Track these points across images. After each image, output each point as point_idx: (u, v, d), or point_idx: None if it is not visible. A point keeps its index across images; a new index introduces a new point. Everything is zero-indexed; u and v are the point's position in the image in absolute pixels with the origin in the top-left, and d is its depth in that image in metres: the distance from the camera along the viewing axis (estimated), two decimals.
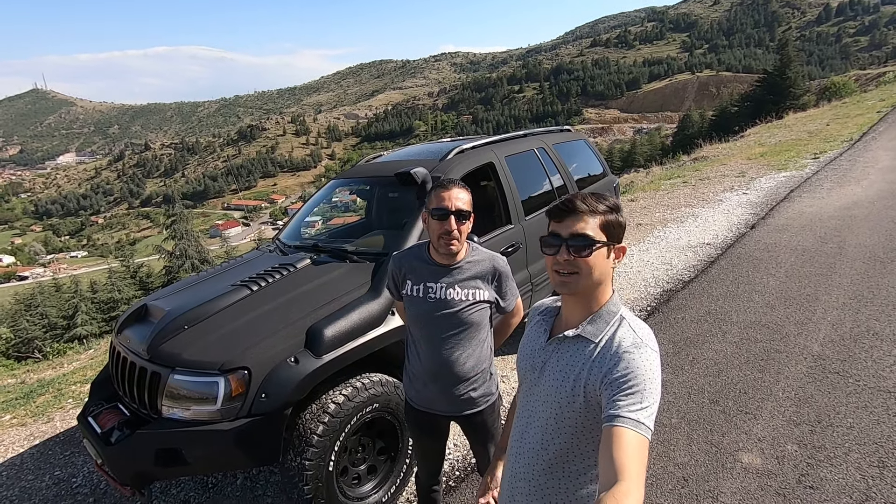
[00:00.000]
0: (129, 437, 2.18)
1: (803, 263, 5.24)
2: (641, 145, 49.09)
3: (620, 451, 0.94)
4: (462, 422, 1.88)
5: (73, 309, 19.05)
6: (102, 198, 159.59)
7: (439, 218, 1.68)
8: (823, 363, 3.42)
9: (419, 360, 1.81)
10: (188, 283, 3.08)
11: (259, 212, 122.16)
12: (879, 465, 2.50)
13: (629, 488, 0.89)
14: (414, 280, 1.79)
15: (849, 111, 18.75)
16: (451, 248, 1.70)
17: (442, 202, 1.68)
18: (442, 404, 1.83)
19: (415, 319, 1.81)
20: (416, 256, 1.83)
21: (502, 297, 1.82)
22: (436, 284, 1.74)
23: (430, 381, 1.80)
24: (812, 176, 9.35)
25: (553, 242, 1.14)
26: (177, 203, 23.97)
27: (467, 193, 1.73)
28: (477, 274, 1.76)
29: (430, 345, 1.77)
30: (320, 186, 4.24)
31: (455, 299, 1.73)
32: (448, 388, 1.79)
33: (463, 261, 1.76)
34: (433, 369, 1.78)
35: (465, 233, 1.72)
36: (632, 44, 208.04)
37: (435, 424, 1.90)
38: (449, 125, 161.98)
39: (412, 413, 1.92)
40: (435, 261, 1.77)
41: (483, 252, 1.82)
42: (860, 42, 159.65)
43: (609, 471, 0.93)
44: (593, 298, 1.17)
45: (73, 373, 4.96)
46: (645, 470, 0.95)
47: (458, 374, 1.77)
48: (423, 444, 1.99)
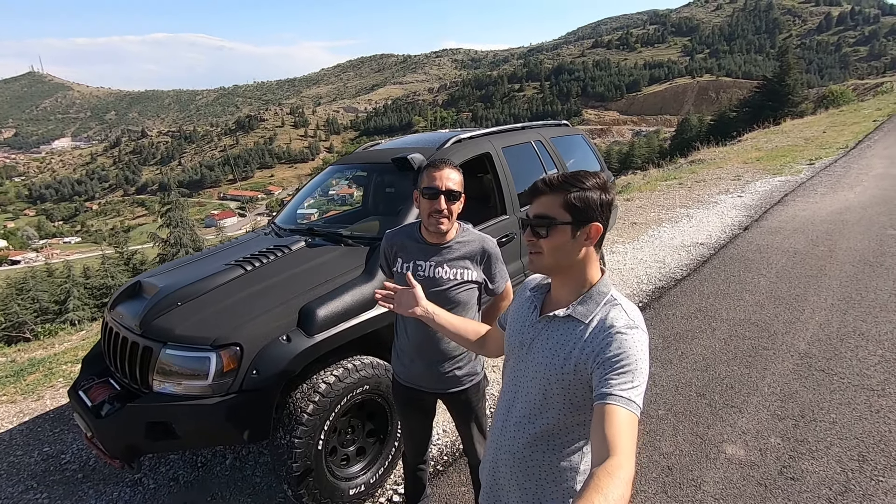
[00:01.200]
0: (119, 411, 2.19)
1: (794, 265, 5.29)
2: (639, 147, 49.25)
3: (612, 428, 0.97)
4: (447, 400, 1.90)
5: (65, 294, 18.94)
6: (97, 184, 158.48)
7: (430, 197, 1.70)
8: (809, 361, 3.47)
9: (406, 337, 1.84)
10: (183, 262, 3.08)
11: (255, 203, 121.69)
12: (860, 458, 2.54)
13: (621, 462, 0.93)
14: (404, 258, 1.82)
15: (845, 119, 18.89)
16: (441, 227, 1.72)
17: (433, 181, 1.70)
18: (427, 381, 1.85)
19: None
20: (407, 235, 1.85)
21: (491, 278, 1.83)
22: (425, 262, 1.77)
23: (416, 357, 1.83)
24: (807, 181, 9.43)
25: (523, 222, 1.18)
26: (172, 191, 23.89)
27: (458, 174, 1.75)
28: (466, 254, 1.78)
29: (416, 322, 1.79)
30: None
31: (443, 278, 1.75)
32: (433, 365, 1.81)
33: (453, 240, 1.78)
34: (419, 346, 1.81)
35: (456, 212, 1.73)
36: (633, 46, 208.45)
37: (420, 401, 1.93)
38: (448, 122, 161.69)
39: (399, 389, 1.95)
40: (425, 240, 1.79)
41: (473, 233, 1.83)
42: (859, 52, 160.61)
43: (602, 446, 0.96)
44: (578, 278, 1.18)
45: (64, 353, 4.95)
46: (635, 445, 0.98)
47: (443, 351, 1.80)
48: (408, 421, 2.02)
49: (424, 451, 2.07)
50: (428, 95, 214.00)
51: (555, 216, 1.12)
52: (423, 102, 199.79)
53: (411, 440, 2.05)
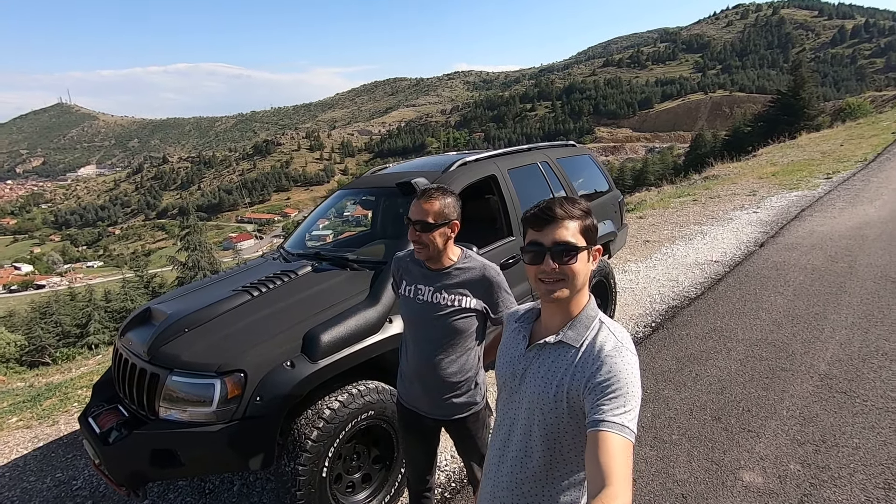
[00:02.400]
0: (126, 438, 2.20)
1: (812, 282, 5.16)
2: (653, 164, 48.95)
3: (606, 456, 0.95)
4: (448, 428, 1.89)
5: (86, 317, 19.34)
6: (120, 209, 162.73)
7: (409, 224, 1.75)
8: (830, 382, 3.36)
9: (407, 360, 1.87)
10: (192, 287, 3.13)
11: (272, 225, 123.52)
12: (885, 486, 2.43)
13: (616, 492, 0.91)
14: (408, 281, 1.85)
15: (863, 132, 18.60)
16: (419, 255, 1.78)
17: (411, 212, 1.75)
18: (425, 405, 1.85)
19: (406, 320, 1.88)
20: (411, 258, 1.88)
21: (493, 307, 1.78)
22: (425, 287, 1.79)
23: (414, 380, 1.84)
24: (824, 195, 9.26)
25: (536, 251, 1.13)
26: (191, 215, 24.45)
27: (440, 203, 1.71)
28: (465, 281, 1.77)
29: (416, 345, 1.82)
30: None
31: (441, 304, 1.75)
32: (430, 390, 1.81)
33: (453, 267, 1.78)
34: (417, 369, 1.82)
35: (438, 240, 1.72)
36: (644, 64, 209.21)
37: (420, 424, 1.91)
38: (461, 142, 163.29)
39: (401, 410, 1.96)
40: (426, 265, 1.81)
41: (476, 260, 1.82)
42: (876, 64, 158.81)
43: (596, 475, 0.95)
44: (574, 304, 1.17)
45: (80, 377, 5.03)
46: (631, 472, 0.96)
47: (440, 378, 1.78)
48: (409, 445, 2.00)
49: (427, 478, 2.04)
50: (440, 117, 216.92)
51: (577, 243, 1.12)
52: (436, 124, 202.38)
53: (412, 464, 2.03)
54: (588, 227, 1.14)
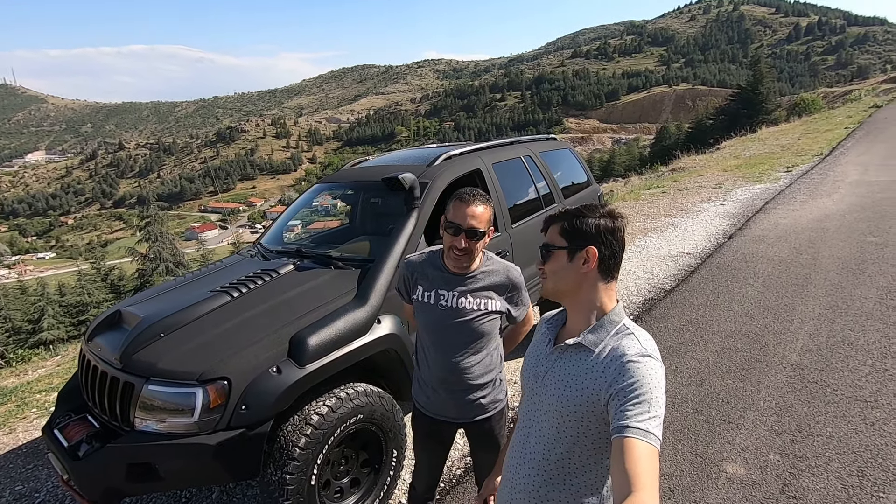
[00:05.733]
0: (98, 451, 2.06)
1: (780, 274, 5.35)
2: (620, 155, 49.89)
3: (632, 462, 0.94)
4: (470, 428, 1.86)
5: (38, 312, 18.32)
6: (73, 198, 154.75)
7: (453, 233, 1.65)
8: (802, 373, 3.48)
9: (428, 366, 1.80)
10: (164, 288, 2.96)
11: (237, 215, 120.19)
12: (859, 474, 2.53)
13: (643, 498, 0.89)
14: (425, 286, 1.77)
15: (818, 126, 19.44)
16: (462, 264, 1.69)
17: (457, 217, 1.64)
18: (452, 410, 1.81)
19: (425, 326, 1.79)
20: (429, 263, 1.80)
21: (514, 307, 1.80)
22: (448, 292, 1.73)
23: (438, 387, 1.78)
24: (785, 188, 9.62)
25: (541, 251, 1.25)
26: (151, 204, 23.37)
27: (487, 208, 1.67)
28: (490, 284, 1.73)
29: (439, 352, 1.76)
30: (301, 190, 4.15)
31: (467, 308, 1.71)
32: (457, 394, 1.77)
33: (477, 270, 1.74)
34: (442, 376, 1.76)
35: (480, 249, 1.70)
36: (611, 56, 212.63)
37: (442, 432, 1.88)
38: (431, 131, 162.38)
39: (421, 420, 1.90)
40: (448, 269, 1.74)
41: (497, 262, 1.79)
42: (827, 61, 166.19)
43: (623, 482, 0.93)
44: (588, 306, 1.17)
45: (37, 381, 4.73)
46: (657, 479, 0.95)
47: (467, 381, 1.76)
48: (426, 453, 1.96)
49: (436, 485, 2.02)
50: (410, 105, 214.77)
51: (553, 243, 1.19)
52: (406, 112, 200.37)
53: (426, 472, 1.99)
54: (569, 227, 1.17)
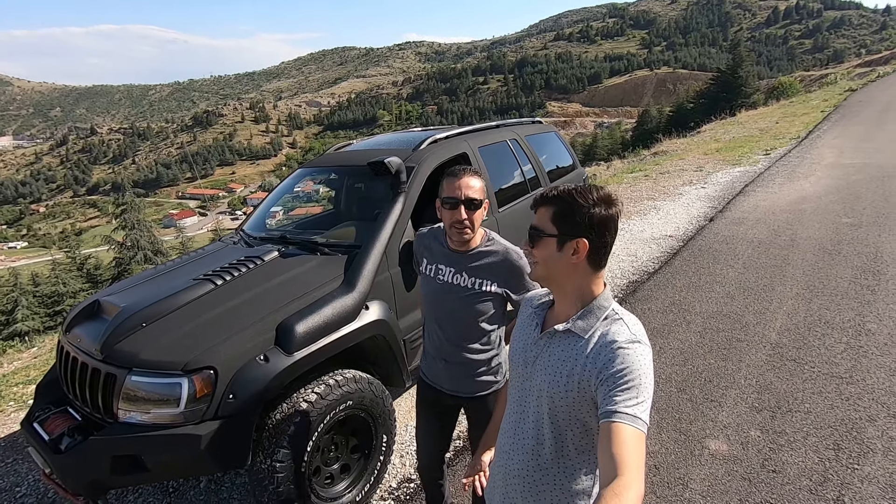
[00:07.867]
0: (81, 444, 2.01)
1: (759, 255, 5.46)
2: (603, 139, 50.14)
3: (619, 446, 0.95)
4: (467, 406, 1.89)
5: (12, 303, 17.82)
6: (44, 185, 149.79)
7: (450, 207, 1.66)
8: (781, 351, 3.58)
9: (429, 337, 1.86)
10: (145, 276, 2.88)
11: (216, 201, 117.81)
12: (835, 447, 2.62)
13: (629, 482, 0.91)
14: (429, 259, 1.83)
15: (796, 110, 19.75)
16: (464, 237, 1.70)
17: (453, 191, 1.66)
18: (445, 382, 1.84)
19: (426, 297, 1.85)
20: (434, 237, 1.85)
21: (514, 291, 1.74)
22: (446, 268, 1.76)
23: (437, 358, 1.83)
24: (764, 171, 9.78)
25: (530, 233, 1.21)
26: (127, 191, 22.69)
27: (479, 180, 1.70)
28: (487, 264, 1.72)
29: (436, 324, 1.81)
30: (282, 175, 4.07)
31: (460, 285, 1.72)
32: (452, 366, 1.80)
33: (476, 249, 1.74)
34: (438, 346, 1.82)
35: (479, 219, 1.70)
36: (593, 39, 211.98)
37: (439, 402, 1.90)
38: (413, 115, 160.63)
39: (422, 386, 1.94)
40: (449, 246, 1.77)
41: (499, 242, 1.77)
42: (805, 44, 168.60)
43: (609, 466, 0.94)
44: (576, 292, 1.16)
45: (13, 373, 4.61)
46: (644, 463, 0.96)
47: (462, 356, 1.78)
48: (425, 423, 1.98)
49: (437, 463, 2.02)
50: (392, 89, 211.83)
51: (543, 228, 1.14)
52: (388, 96, 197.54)
53: (425, 446, 2.00)
54: (561, 216, 1.12)
